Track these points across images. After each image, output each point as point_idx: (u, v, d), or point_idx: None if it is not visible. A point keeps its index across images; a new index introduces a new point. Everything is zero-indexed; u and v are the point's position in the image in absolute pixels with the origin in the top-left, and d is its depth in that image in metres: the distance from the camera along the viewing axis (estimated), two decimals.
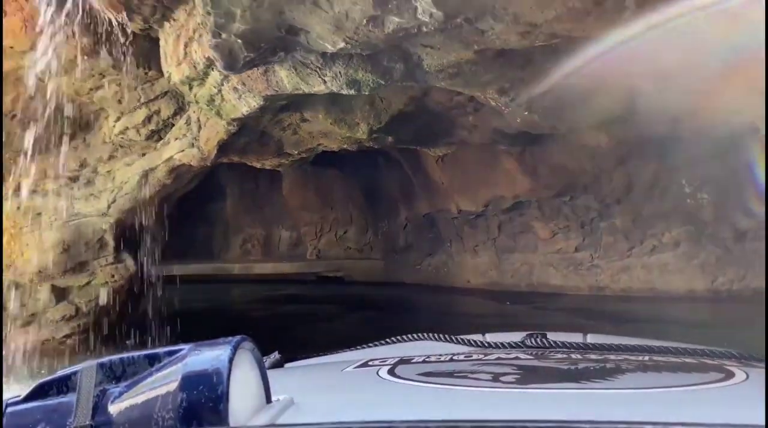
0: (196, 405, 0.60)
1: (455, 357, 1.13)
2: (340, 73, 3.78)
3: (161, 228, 7.47)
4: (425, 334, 1.44)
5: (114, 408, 0.64)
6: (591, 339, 1.36)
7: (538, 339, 1.26)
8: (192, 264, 11.41)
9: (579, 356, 1.09)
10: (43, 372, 6.15)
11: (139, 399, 0.64)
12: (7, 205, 6.99)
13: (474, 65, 3.88)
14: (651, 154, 7.12)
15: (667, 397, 0.80)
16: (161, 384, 0.63)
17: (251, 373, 0.70)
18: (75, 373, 0.71)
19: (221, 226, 14.74)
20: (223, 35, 3.17)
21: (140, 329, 6.68)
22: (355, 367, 1.09)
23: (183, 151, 5.77)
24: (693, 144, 6.15)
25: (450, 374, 0.97)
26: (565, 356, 1.10)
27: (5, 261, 6.92)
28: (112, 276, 7.08)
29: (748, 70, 3.98)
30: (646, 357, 1.08)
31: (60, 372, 0.74)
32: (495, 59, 3.84)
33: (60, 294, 7.08)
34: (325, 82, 3.83)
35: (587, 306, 7.97)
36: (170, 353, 0.69)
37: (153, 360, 0.70)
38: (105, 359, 0.72)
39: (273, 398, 0.73)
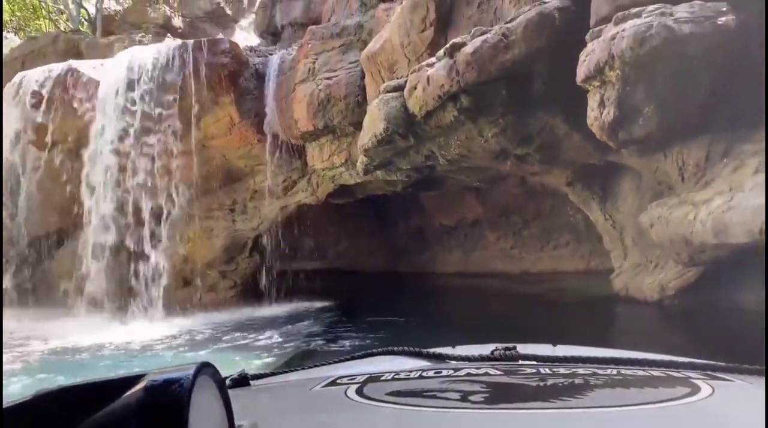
0: None
1: (424, 374, 1.11)
2: (404, 173, 9.28)
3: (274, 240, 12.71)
4: (395, 348, 1.42)
5: None
6: (560, 350, 1.35)
7: (508, 352, 1.26)
8: None
9: (548, 370, 1.09)
10: (225, 309, 11.20)
11: None
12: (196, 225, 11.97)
13: (460, 169, 9.49)
14: (547, 195, 12.81)
15: (635, 416, 0.79)
16: (116, 416, 0.59)
17: (212, 400, 0.67)
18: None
19: None
20: (367, 165, 8.62)
21: (262, 294, 11.90)
22: (323, 386, 1.08)
23: (307, 197, 11.13)
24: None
25: (419, 393, 0.97)
26: (534, 371, 1.10)
27: (189, 257, 12.00)
28: (249, 265, 12.20)
29: None
30: (614, 371, 1.09)
31: None
32: (467, 167, 9.45)
33: (223, 274, 12.21)
34: (397, 176, 9.33)
35: (518, 281, 13.55)
36: (126, 381, 0.63)
37: (107, 389, 0.63)
38: (54, 388, 0.64)
39: (237, 423, 0.71)
